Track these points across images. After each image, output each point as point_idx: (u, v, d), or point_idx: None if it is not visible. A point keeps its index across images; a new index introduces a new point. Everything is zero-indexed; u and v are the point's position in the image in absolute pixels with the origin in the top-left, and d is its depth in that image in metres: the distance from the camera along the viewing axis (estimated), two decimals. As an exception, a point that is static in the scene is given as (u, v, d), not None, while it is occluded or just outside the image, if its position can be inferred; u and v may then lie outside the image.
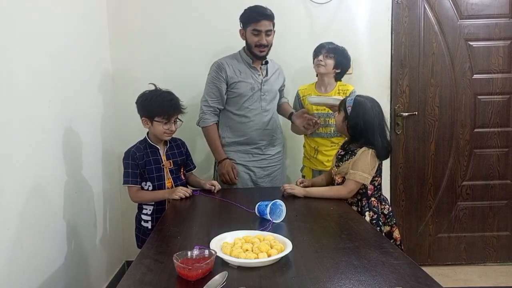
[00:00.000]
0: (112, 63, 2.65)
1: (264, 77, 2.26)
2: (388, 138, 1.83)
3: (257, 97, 2.23)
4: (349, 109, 1.77)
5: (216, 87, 2.20)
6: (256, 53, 2.18)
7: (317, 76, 2.35)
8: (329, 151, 2.27)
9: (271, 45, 2.20)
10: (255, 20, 2.12)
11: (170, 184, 1.95)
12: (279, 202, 1.55)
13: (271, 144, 2.32)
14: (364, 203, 1.78)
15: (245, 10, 2.17)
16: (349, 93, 2.25)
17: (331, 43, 2.28)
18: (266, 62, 2.27)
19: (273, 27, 2.18)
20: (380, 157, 1.77)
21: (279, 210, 1.55)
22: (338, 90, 2.29)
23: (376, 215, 1.76)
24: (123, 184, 1.90)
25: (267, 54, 2.22)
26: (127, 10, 2.63)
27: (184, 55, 2.65)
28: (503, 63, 2.73)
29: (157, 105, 1.85)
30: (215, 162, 2.32)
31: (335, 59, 2.24)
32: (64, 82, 1.96)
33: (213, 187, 2.01)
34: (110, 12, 2.61)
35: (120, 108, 2.66)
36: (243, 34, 2.20)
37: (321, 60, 2.23)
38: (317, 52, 2.27)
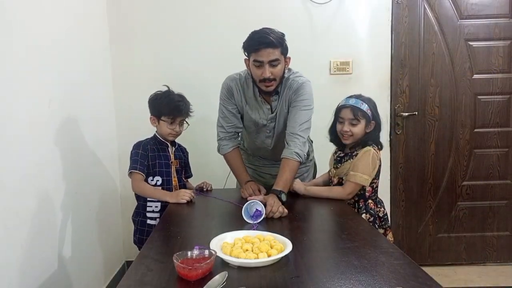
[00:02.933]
0: (112, 63, 2.65)
1: (272, 113, 1.91)
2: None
3: (262, 135, 2.00)
4: (369, 113, 1.74)
5: (229, 111, 1.96)
6: (261, 88, 1.82)
7: None
8: None
9: (281, 78, 1.82)
10: (253, 49, 1.73)
11: (175, 182, 1.97)
12: (254, 202, 1.55)
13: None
14: (361, 205, 1.77)
15: (249, 35, 1.78)
16: None
17: None
18: (277, 93, 1.88)
19: (284, 54, 1.78)
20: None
21: (255, 209, 1.53)
22: None
23: (372, 218, 1.75)
24: (130, 170, 1.84)
25: (276, 88, 1.83)
26: (127, 10, 2.63)
27: (184, 55, 2.65)
28: (503, 63, 2.73)
29: (165, 104, 1.89)
30: None
31: None
32: (64, 82, 1.96)
33: (204, 186, 2.04)
34: (110, 12, 2.62)
35: (120, 108, 2.66)
36: (248, 65, 1.83)
37: None
38: None
